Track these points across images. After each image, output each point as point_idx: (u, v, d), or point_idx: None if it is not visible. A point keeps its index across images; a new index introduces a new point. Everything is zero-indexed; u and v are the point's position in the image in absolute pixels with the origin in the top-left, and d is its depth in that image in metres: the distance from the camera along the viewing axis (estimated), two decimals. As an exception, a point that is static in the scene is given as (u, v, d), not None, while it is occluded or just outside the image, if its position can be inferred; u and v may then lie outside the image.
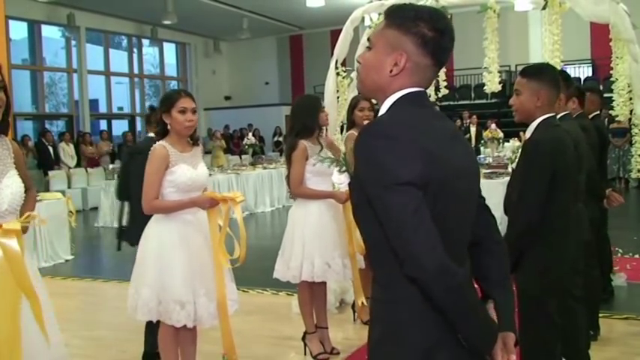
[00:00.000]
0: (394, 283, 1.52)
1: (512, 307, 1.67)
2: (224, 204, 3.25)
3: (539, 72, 2.83)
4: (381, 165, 1.46)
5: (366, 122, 4.56)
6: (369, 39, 1.66)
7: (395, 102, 1.57)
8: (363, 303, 4.20)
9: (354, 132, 4.51)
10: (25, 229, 2.30)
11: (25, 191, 2.44)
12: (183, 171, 3.21)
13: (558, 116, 3.08)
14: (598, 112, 5.00)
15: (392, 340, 1.54)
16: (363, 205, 1.52)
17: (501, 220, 2.28)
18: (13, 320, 2.15)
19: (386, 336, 1.56)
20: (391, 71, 1.56)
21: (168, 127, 3.24)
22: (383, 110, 1.59)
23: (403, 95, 1.57)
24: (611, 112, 5.05)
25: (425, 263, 1.42)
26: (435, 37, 1.54)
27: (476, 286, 1.64)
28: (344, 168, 3.78)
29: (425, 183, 1.45)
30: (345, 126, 4.87)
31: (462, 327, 1.50)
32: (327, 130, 4.34)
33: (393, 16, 1.58)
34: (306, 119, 3.94)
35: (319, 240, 3.90)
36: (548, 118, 2.78)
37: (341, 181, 3.74)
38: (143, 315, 3.20)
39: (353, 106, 4.57)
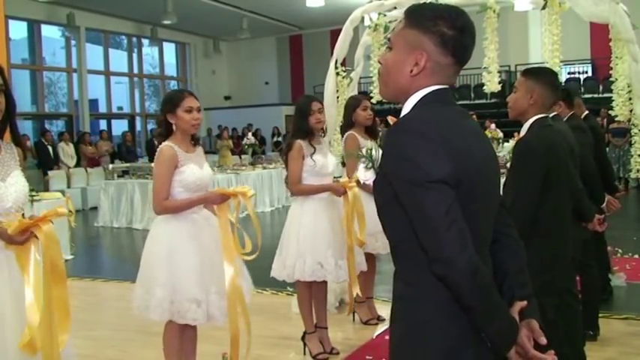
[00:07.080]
0: (419, 281, 1.51)
1: (531, 298, 1.64)
2: (234, 199, 3.27)
3: (538, 72, 2.91)
4: (413, 162, 1.45)
5: (369, 121, 4.56)
6: (388, 39, 1.65)
7: (420, 100, 1.56)
8: (358, 294, 4.19)
9: (353, 132, 4.50)
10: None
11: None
12: (192, 171, 3.22)
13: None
14: (587, 112, 5.04)
15: (415, 340, 1.53)
16: (390, 203, 1.51)
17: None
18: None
19: (409, 335, 1.54)
20: (411, 71, 1.56)
21: (173, 127, 3.25)
22: (406, 109, 1.58)
23: (427, 93, 1.56)
24: (610, 112, 5.06)
25: (457, 262, 1.41)
26: (455, 35, 1.53)
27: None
28: (370, 164, 3.79)
29: (456, 181, 1.45)
30: (342, 126, 4.82)
31: (485, 325, 1.49)
32: (325, 130, 4.33)
33: (412, 15, 1.58)
34: (298, 121, 3.99)
35: (312, 239, 3.91)
36: (541, 117, 2.81)
37: (367, 177, 3.75)
38: (156, 315, 3.20)
39: (354, 106, 4.55)
